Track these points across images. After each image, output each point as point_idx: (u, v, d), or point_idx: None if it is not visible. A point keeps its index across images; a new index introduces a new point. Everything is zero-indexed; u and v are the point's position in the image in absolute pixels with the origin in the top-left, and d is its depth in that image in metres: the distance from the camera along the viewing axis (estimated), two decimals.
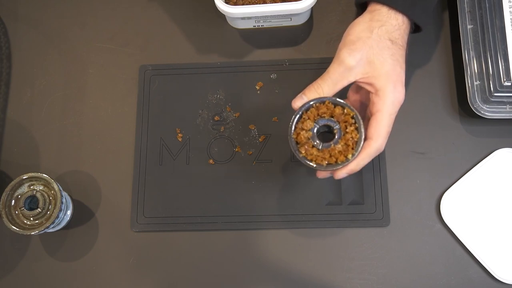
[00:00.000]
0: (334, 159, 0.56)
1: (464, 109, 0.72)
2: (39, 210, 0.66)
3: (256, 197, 0.71)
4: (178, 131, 0.74)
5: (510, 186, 0.69)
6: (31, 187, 0.67)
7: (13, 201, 0.67)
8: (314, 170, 0.58)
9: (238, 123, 0.74)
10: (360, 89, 0.63)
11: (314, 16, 0.77)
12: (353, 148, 0.56)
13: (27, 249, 0.71)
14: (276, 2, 0.72)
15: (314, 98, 0.57)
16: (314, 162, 0.57)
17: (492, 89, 0.68)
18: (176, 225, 0.71)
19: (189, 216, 0.71)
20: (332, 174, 0.60)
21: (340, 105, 0.57)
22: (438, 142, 0.72)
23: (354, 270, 0.68)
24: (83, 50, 0.79)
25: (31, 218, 0.66)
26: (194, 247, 0.70)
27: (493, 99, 0.68)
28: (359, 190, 0.70)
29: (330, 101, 0.57)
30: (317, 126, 0.57)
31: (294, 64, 0.75)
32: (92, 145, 0.75)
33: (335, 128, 0.57)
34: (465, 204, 0.69)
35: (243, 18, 0.74)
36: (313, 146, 0.57)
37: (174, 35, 0.78)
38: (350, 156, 0.56)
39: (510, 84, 0.68)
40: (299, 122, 0.58)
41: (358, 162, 0.57)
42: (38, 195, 0.66)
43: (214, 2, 0.69)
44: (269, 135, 0.73)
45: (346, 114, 0.57)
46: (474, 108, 0.68)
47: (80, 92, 0.77)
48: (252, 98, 0.74)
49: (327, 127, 0.58)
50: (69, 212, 0.71)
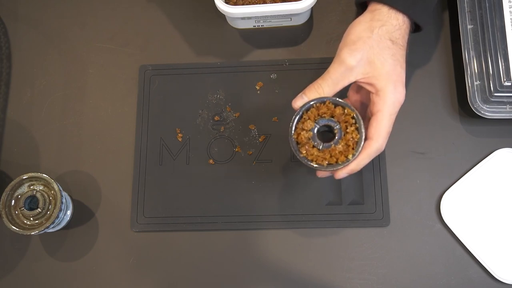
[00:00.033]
0: (335, 159, 0.56)
1: (464, 109, 0.72)
2: (39, 210, 0.66)
3: (256, 197, 0.71)
4: (178, 131, 0.74)
5: (510, 186, 0.69)
6: (31, 187, 0.67)
7: (13, 201, 0.66)
8: (314, 169, 0.58)
9: (238, 123, 0.74)
10: (360, 89, 0.63)
11: (314, 16, 0.77)
12: (353, 148, 0.56)
13: (27, 249, 0.71)
14: (276, 2, 0.72)
15: (315, 98, 0.57)
16: (314, 162, 0.57)
17: (492, 89, 0.68)
18: (176, 225, 0.71)
19: (189, 216, 0.71)
20: (332, 173, 0.60)
21: (340, 105, 0.57)
22: (438, 142, 0.72)
23: (354, 270, 0.68)
24: (83, 50, 0.78)
25: (31, 218, 0.66)
26: (194, 247, 0.70)
27: (493, 99, 0.68)
28: (359, 190, 0.70)
29: (331, 101, 0.57)
30: (317, 126, 0.57)
31: (294, 64, 0.75)
32: (92, 145, 0.75)
33: (336, 128, 0.57)
34: (465, 204, 0.69)
35: (243, 18, 0.74)
36: (313, 146, 0.57)
37: (174, 35, 0.78)
38: (350, 156, 0.56)
39: (510, 84, 0.68)
40: (300, 122, 0.58)
41: (359, 162, 0.57)
42: (38, 195, 0.66)
43: (214, 2, 0.69)
44: (269, 135, 0.73)
45: (346, 114, 0.57)
46: (474, 108, 0.68)
47: (80, 92, 0.77)
48: (252, 98, 0.74)
49: (328, 127, 0.58)
50: (69, 212, 0.71)
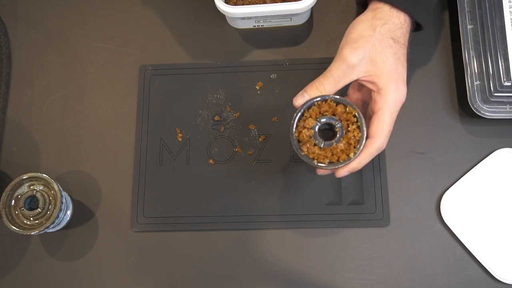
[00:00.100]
0: (336, 158, 0.56)
1: (464, 109, 0.72)
2: (39, 210, 0.66)
3: (256, 197, 0.71)
4: (178, 131, 0.74)
5: (510, 186, 0.69)
6: (31, 187, 0.67)
7: (13, 201, 0.66)
8: (315, 167, 0.58)
9: (238, 123, 0.74)
10: (361, 87, 0.63)
11: (314, 16, 0.77)
12: (355, 146, 0.56)
13: (27, 249, 0.71)
14: (276, 2, 0.72)
15: (316, 96, 0.57)
16: (316, 161, 0.57)
17: (492, 89, 0.68)
18: (176, 225, 0.71)
19: (189, 216, 0.71)
20: (333, 172, 0.60)
21: (342, 103, 0.57)
22: (438, 142, 0.72)
23: (354, 270, 0.68)
24: (83, 50, 0.78)
25: (31, 218, 0.66)
26: (194, 247, 0.70)
27: (493, 99, 0.68)
28: (359, 190, 0.70)
29: (333, 99, 0.57)
30: (319, 124, 0.57)
31: (294, 64, 0.75)
32: (92, 145, 0.75)
33: (337, 126, 0.57)
34: (465, 204, 0.69)
35: (243, 18, 0.74)
36: (315, 145, 0.57)
37: (174, 35, 0.78)
38: (352, 154, 0.56)
39: (510, 84, 0.68)
40: (301, 120, 0.57)
41: (360, 160, 0.57)
42: (38, 195, 0.66)
43: (214, 2, 0.69)
44: (269, 135, 0.73)
45: (348, 113, 0.57)
46: (474, 108, 0.68)
47: (80, 92, 0.77)
48: (252, 98, 0.74)
49: (329, 125, 0.58)
50: (69, 212, 0.71)
